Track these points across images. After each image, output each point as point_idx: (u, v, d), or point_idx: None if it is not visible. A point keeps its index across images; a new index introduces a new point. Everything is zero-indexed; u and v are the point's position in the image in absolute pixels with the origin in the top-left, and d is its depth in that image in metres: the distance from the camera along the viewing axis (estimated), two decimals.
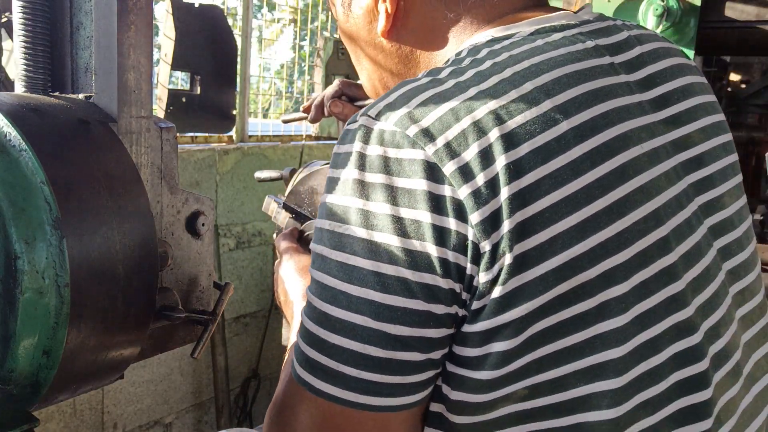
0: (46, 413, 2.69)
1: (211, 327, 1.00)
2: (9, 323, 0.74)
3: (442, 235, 0.63)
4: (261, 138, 3.88)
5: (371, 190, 0.65)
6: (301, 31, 4.66)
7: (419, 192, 0.63)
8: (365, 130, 0.67)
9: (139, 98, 0.90)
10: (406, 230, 0.63)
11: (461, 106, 0.65)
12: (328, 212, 0.68)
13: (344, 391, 0.66)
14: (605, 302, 0.65)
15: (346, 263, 0.65)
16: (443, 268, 0.64)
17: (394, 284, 0.64)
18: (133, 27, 0.88)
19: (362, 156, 0.66)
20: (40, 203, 0.74)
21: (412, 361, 0.65)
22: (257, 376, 3.79)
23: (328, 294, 0.66)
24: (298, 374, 0.69)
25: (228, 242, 3.50)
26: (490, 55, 0.71)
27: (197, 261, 1.01)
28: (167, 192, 0.95)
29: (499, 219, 0.62)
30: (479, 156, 0.63)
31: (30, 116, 0.78)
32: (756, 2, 2.22)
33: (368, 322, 0.64)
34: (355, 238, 0.65)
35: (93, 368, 0.82)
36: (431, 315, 0.65)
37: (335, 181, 0.68)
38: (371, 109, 0.68)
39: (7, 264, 0.73)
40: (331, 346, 0.66)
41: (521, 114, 0.65)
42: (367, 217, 0.65)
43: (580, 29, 0.76)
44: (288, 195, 1.41)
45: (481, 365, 0.66)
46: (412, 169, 0.63)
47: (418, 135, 0.64)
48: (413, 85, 0.69)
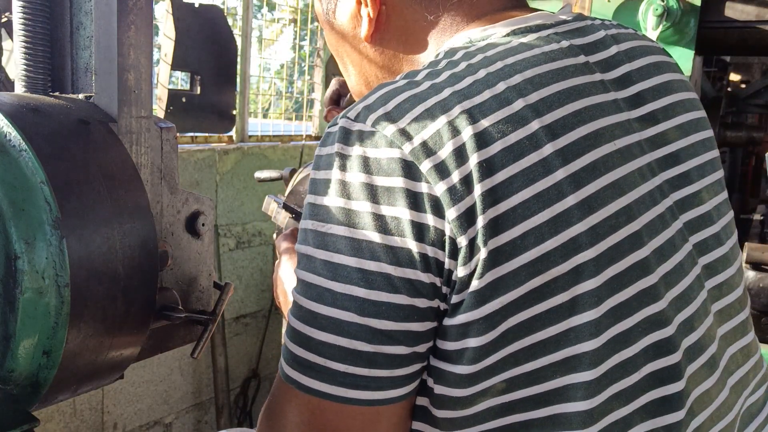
0: (46, 413, 2.69)
1: (211, 327, 1.00)
2: (9, 323, 0.74)
3: (421, 230, 0.65)
4: (261, 138, 3.88)
5: (352, 189, 0.66)
6: (301, 31, 4.66)
7: (398, 189, 0.65)
8: (344, 131, 0.68)
9: (139, 98, 0.90)
10: (387, 227, 0.65)
11: (436, 107, 0.67)
12: (312, 212, 0.69)
13: (333, 386, 0.67)
14: (578, 296, 0.66)
15: (331, 261, 0.67)
16: (423, 262, 0.65)
17: (378, 280, 0.65)
18: (133, 27, 0.88)
19: (343, 156, 0.67)
20: (40, 203, 0.74)
21: (399, 354, 0.67)
22: (257, 376, 3.79)
23: (314, 292, 0.68)
24: (286, 373, 0.71)
25: (228, 242, 3.50)
26: (465, 57, 0.73)
27: (197, 261, 1.01)
28: (167, 192, 0.95)
29: (473, 215, 0.64)
30: (454, 154, 0.65)
31: (30, 116, 0.78)
32: (756, 2, 2.22)
33: (354, 317, 0.66)
34: (338, 237, 0.67)
35: (93, 368, 0.82)
36: (415, 309, 0.67)
37: (318, 182, 0.70)
38: (350, 111, 0.70)
39: (7, 264, 0.73)
40: (319, 343, 0.67)
41: (494, 113, 0.67)
42: (350, 216, 0.66)
43: (555, 29, 0.77)
44: (288, 195, 1.41)
45: (459, 359, 0.68)
46: (391, 168, 0.65)
47: (395, 135, 0.66)
48: (390, 87, 0.71)
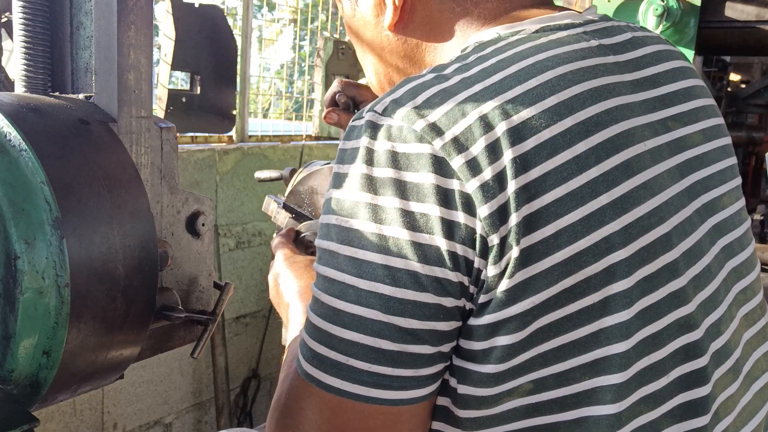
0: (46, 413, 2.69)
1: (211, 327, 1.00)
2: (9, 323, 0.74)
3: (451, 228, 0.64)
4: (261, 138, 3.88)
5: (380, 184, 0.65)
6: (301, 31, 4.66)
7: (427, 186, 0.64)
8: (371, 125, 0.67)
9: (139, 98, 0.90)
10: (416, 224, 0.64)
11: (468, 102, 0.66)
12: (336, 208, 0.68)
13: (355, 385, 0.66)
14: (609, 297, 0.65)
15: (355, 257, 0.66)
16: (452, 261, 0.64)
17: (404, 278, 0.64)
18: (133, 27, 0.88)
19: (370, 151, 0.66)
20: (40, 203, 0.74)
21: (423, 353, 0.66)
22: (257, 376, 3.79)
23: (337, 289, 0.67)
24: (305, 370, 0.69)
25: (228, 242, 3.50)
26: (496, 52, 0.72)
27: (197, 261, 1.01)
28: (167, 192, 0.95)
29: (506, 212, 0.63)
30: (486, 150, 0.63)
31: (30, 116, 0.78)
32: (756, 2, 2.22)
33: (378, 315, 0.65)
34: (364, 233, 0.65)
35: (93, 368, 0.82)
36: (441, 308, 0.65)
37: (342, 176, 0.68)
38: (377, 105, 0.68)
39: (7, 264, 0.73)
40: (341, 341, 0.66)
41: (527, 109, 0.65)
42: (376, 212, 0.65)
43: (584, 28, 0.76)
44: (288, 195, 1.41)
45: (486, 359, 0.67)
46: (420, 164, 0.64)
47: (425, 129, 0.64)
48: (419, 81, 0.69)
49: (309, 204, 1.37)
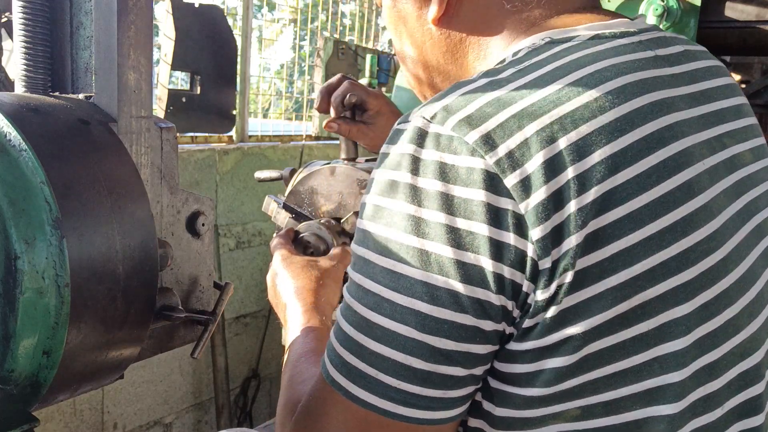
0: (46, 413, 2.69)
1: (211, 327, 1.00)
2: (9, 323, 0.74)
3: (500, 249, 0.60)
4: (261, 138, 3.88)
5: (425, 196, 0.62)
6: (301, 31, 4.66)
7: (477, 203, 0.60)
8: (419, 132, 0.63)
9: (139, 98, 0.90)
10: (461, 242, 0.61)
11: (524, 113, 0.62)
12: (374, 214, 0.65)
13: (382, 400, 0.64)
14: (666, 323, 0.62)
15: (393, 270, 0.63)
16: (497, 283, 0.61)
17: (444, 296, 0.61)
18: (133, 27, 0.88)
19: (416, 160, 0.63)
20: (40, 203, 0.74)
21: (455, 375, 0.63)
22: (257, 376, 3.79)
23: (371, 300, 0.64)
24: (333, 377, 0.67)
25: (228, 242, 3.50)
26: (551, 59, 0.68)
27: (197, 261, 1.01)
28: (167, 192, 0.95)
29: (561, 235, 0.60)
30: (543, 168, 0.60)
31: (30, 116, 0.78)
32: (756, 2, 2.22)
33: (413, 333, 0.62)
34: (404, 245, 0.62)
35: (93, 368, 0.82)
36: (479, 331, 0.62)
37: (383, 183, 0.65)
38: (426, 109, 0.65)
39: (7, 264, 0.73)
40: (371, 354, 0.64)
41: (586, 123, 0.61)
42: (419, 225, 0.62)
43: (639, 37, 0.72)
44: (288, 195, 1.41)
45: (531, 382, 0.64)
46: (471, 179, 0.60)
47: (478, 142, 0.61)
48: (471, 87, 0.66)
49: (309, 204, 1.37)
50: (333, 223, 1.29)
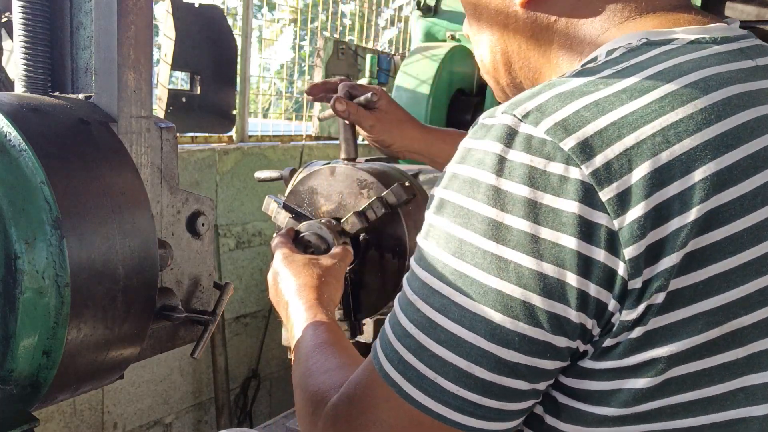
0: (46, 413, 2.69)
1: (211, 327, 1.00)
2: (9, 323, 0.74)
3: (588, 266, 0.57)
4: (261, 138, 3.88)
5: (509, 200, 0.58)
6: (301, 31, 4.66)
7: (568, 214, 0.56)
8: (509, 130, 0.59)
9: (139, 98, 0.90)
10: (544, 253, 0.57)
11: (624, 121, 0.58)
12: (450, 212, 0.61)
13: (437, 404, 0.62)
14: (756, 353, 0.59)
15: (465, 274, 0.60)
16: (580, 300, 0.57)
17: (519, 308, 0.58)
18: (133, 27, 0.88)
19: (502, 160, 0.59)
20: (40, 203, 0.74)
21: (518, 389, 0.61)
22: (257, 376, 3.79)
23: (438, 302, 0.61)
24: (387, 372, 0.65)
25: (228, 242, 3.50)
26: (651, 62, 0.63)
27: (197, 261, 1.01)
28: (167, 192, 0.95)
29: (658, 254, 0.56)
30: (643, 182, 0.56)
31: (30, 116, 0.78)
32: (756, 2, 2.22)
33: (480, 341, 0.59)
34: (480, 250, 0.59)
35: (93, 368, 0.82)
36: (551, 347, 0.59)
37: (462, 179, 0.61)
38: (516, 107, 0.61)
39: (7, 264, 0.73)
40: (432, 356, 0.61)
41: (691, 137, 0.57)
42: (499, 230, 0.58)
43: (739, 44, 0.68)
44: (288, 195, 1.41)
45: (605, 401, 0.61)
46: (564, 188, 0.56)
47: (574, 150, 0.57)
48: (566, 87, 0.61)
49: (309, 204, 1.37)
50: (333, 223, 1.29)
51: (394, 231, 1.30)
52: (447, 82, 2.89)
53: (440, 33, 3.28)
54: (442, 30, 3.27)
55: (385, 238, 1.31)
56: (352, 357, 0.86)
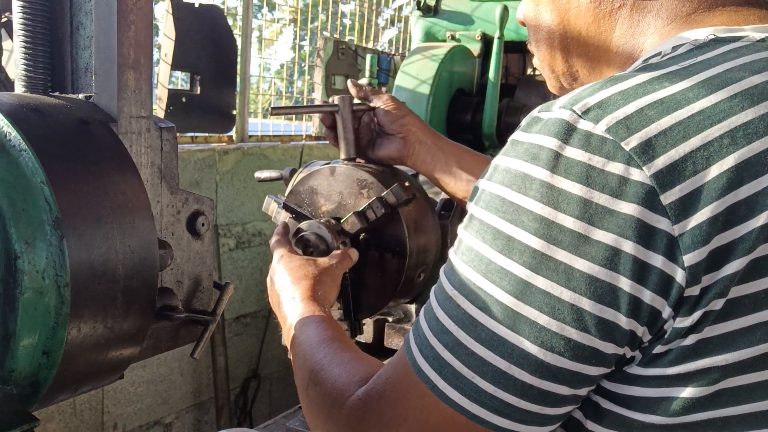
0: (46, 413, 2.69)
1: (211, 327, 1.00)
2: (9, 323, 0.74)
3: (644, 271, 0.54)
4: (261, 138, 3.88)
5: (562, 198, 0.56)
6: (301, 31, 4.66)
7: (626, 217, 0.54)
8: (566, 126, 0.57)
9: (139, 98, 0.90)
10: (598, 256, 0.55)
11: (690, 121, 0.55)
12: (497, 206, 0.59)
13: (473, 404, 0.60)
14: None
15: (511, 272, 0.57)
16: (632, 307, 0.55)
17: (566, 311, 0.56)
18: (133, 27, 0.88)
19: (557, 156, 0.56)
20: (40, 203, 0.74)
21: (558, 394, 0.59)
22: (257, 376, 3.79)
23: (479, 299, 0.59)
24: (421, 368, 0.62)
25: (228, 242, 3.49)
26: (719, 59, 0.61)
27: (197, 261, 1.01)
28: (167, 192, 0.95)
29: (720, 261, 0.54)
30: (709, 187, 0.53)
31: (30, 116, 0.78)
32: None
33: (523, 343, 0.57)
34: (529, 248, 0.56)
35: (93, 368, 0.82)
36: (597, 353, 0.57)
37: (512, 173, 0.59)
38: (576, 102, 0.58)
39: (7, 264, 0.73)
40: (471, 354, 0.59)
41: (761, 139, 0.55)
42: (551, 229, 0.56)
43: None
44: (288, 195, 1.41)
45: (652, 408, 0.59)
46: (622, 190, 0.54)
47: (636, 150, 0.54)
48: (628, 84, 0.59)
49: (309, 204, 1.37)
50: (333, 222, 1.29)
51: (394, 231, 1.30)
52: (447, 82, 2.89)
53: (440, 33, 3.28)
54: (442, 30, 3.27)
55: (385, 238, 1.31)
56: (358, 351, 0.85)
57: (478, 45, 3.06)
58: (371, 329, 1.55)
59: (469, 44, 3.10)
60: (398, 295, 1.36)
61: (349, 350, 0.84)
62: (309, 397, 0.80)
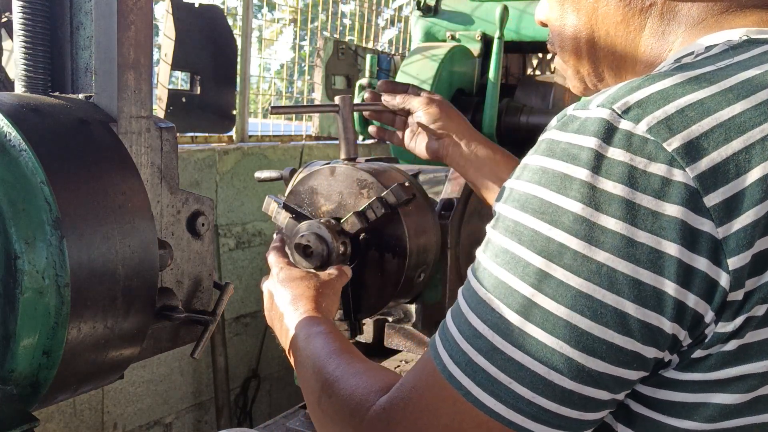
0: (46, 413, 2.69)
1: (211, 327, 1.00)
2: (9, 323, 0.74)
3: (688, 275, 0.53)
4: (261, 138, 3.88)
5: (605, 200, 0.55)
6: (301, 31, 4.66)
7: (669, 219, 0.53)
8: (607, 126, 0.56)
9: (139, 98, 0.90)
10: (641, 258, 0.54)
11: (731, 123, 0.55)
12: (533, 206, 0.58)
13: (509, 410, 0.58)
14: None
15: (551, 275, 0.56)
16: (676, 311, 0.54)
17: (609, 315, 0.55)
18: (133, 27, 0.88)
19: (599, 157, 0.55)
20: (40, 203, 0.74)
21: (597, 399, 0.58)
22: (257, 376, 3.79)
23: (517, 302, 0.58)
24: (452, 373, 0.61)
25: (228, 242, 3.49)
26: (756, 60, 0.60)
27: (197, 261, 1.01)
28: (167, 192, 0.95)
29: (762, 266, 0.53)
30: (752, 188, 0.53)
31: (30, 116, 0.78)
32: None
33: (563, 347, 0.56)
34: (569, 250, 0.55)
35: (93, 368, 0.82)
36: (639, 357, 0.56)
37: (551, 174, 0.58)
38: (615, 101, 0.57)
39: (7, 264, 0.73)
40: (507, 359, 0.58)
41: None
42: (592, 230, 0.55)
43: None
44: (288, 195, 1.41)
45: (688, 414, 0.59)
46: (665, 191, 0.53)
47: (679, 151, 0.54)
48: (667, 83, 0.58)
49: (309, 204, 1.37)
50: (333, 223, 1.29)
51: (394, 231, 1.30)
52: (447, 82, 2.89)
53: (440, 33, 3.28)
54: (442, 30, 3.27)
55: (385, 238, 1.31)
56: (370, 362, 0.84)
57: (478, 45, 3.06)
58: (371, 329, 1.55)
59: (469, 44, 3.10)
60: (398, 295, 1.36)
61: (362, 361, 0.83)
62: (322, 408, 0.79)
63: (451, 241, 1.43)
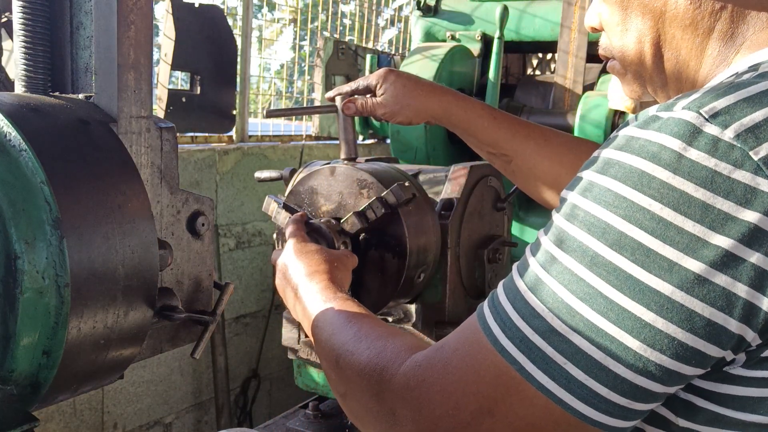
0: (46, 413, 2.69)
1: (211, 327, 1.00)
2: (9, 323, 0.74)
3: (763, 279, 0.54)
4: (261, 138, 3.88)
5: (683, 201, 0.55)
6: (301, 31, 4.66)
7: (749, 225, 0.54)
8: (692, 128, 0.56)
9: (139, 98, 0.90)
10: (716, 260, 0.55)
11: None
12: (608, 199, 0.58)
13: (560, 389, 0.59)
14: None
15: (619, 267, 0.57)
16: (746, 312, 0.55)
17: (674, 310, 0.56)
18: (133, 27, 0.88)
19: (680, 158, 0.56)
20: (40, 203, 0.74)
21: (649, 390, 0.59)
22: (257, 376, 3.79)
23: (581, 290, 0.58)
24: (504, 347, 0.62)
25: (228, 242, 3.49)
26: None
27: (197, 261, 1.01)
28: (167, 192, 0.95)
29: None
30: None
31: (30, 116, 0.78)
32: None
33: (624, 337, 0.57)
34: (642, 246, 0.56)
35: (93, 368, 0.82)
36: (700, 354, 0.57)
37: (626, 168, 0.58)
38: (702, 105, 0.57)
39: (7, 264, 0.73)
40: (565, 341, 0.59)
41: None
42: (668, 229, 0.56)
43: None
44: (288, 195, 1.41)
45: (754, 408, 0.59)
46: (748, 198, 0.54)
47: (765, 160, 0.54)
48: (755, 90, 0.58)
49: (309, 204, 1.37)
50: (333, 222, 1.29)
51: (394, 231, 1.30)
52: (447, 82, 2.89)
53: (440, 33, 3.28)
54: (442, 30, 3.27)
55: (385, 238, 1.31)
56: (393, 326, 0.85)
57: (478, 45, 3.06)
58: None
59: (469, 44, 3.10)
60: (398, 295, 1.36)
61: (385, 325, 0.84)
62: (341, 367, 0.79)
63: (451, 241, 1.43)
